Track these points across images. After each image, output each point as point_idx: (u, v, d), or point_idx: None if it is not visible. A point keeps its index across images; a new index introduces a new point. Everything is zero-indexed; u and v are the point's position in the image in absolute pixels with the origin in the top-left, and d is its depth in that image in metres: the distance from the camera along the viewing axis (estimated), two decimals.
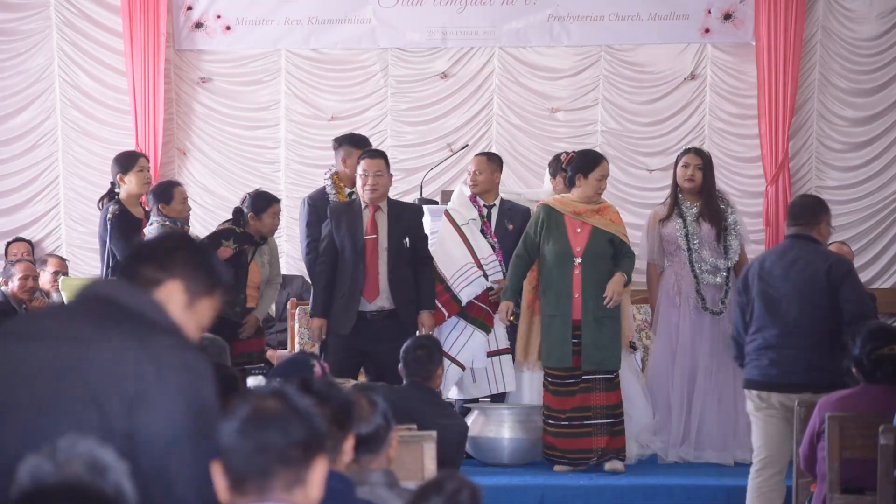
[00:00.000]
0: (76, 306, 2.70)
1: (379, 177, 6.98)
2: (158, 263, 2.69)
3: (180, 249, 2.73)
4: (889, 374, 5.16)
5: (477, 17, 10.63)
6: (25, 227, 10.57)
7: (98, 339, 2.55)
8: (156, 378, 2.51)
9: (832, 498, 5.06)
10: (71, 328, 2.59)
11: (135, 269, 2.70)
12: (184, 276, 2.71)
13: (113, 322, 2.59)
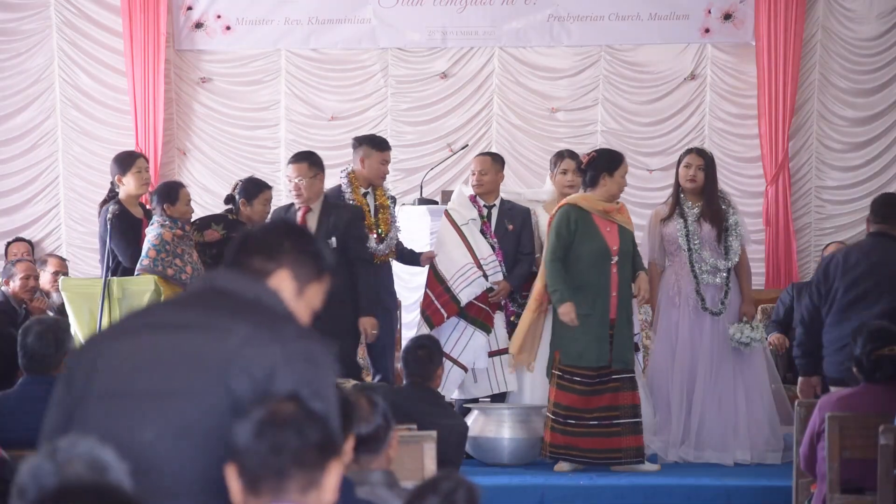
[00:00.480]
0: (197, 297, 2.73)
1: (300, 181, 7.03)
2: (267, 254, 2.71)
3: (287, 238, 2.75)
4: (888, 374, 5.16)
5: (477, 17, 10.63)
6: (25, 227, 10.57)
7: (224, 328, 2.57)
8: (284, 365, 2.53)
9: (832, 498, 5.06)
10: (195, 318, 2.63)
11: (244, 260, 2.72)
12: (292, 264, 2.73)
13: (237, 311, 2.62)
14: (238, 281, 2.69)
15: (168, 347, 2.58)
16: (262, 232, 2.78)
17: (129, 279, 6.79)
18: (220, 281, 2.72)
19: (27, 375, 4.91)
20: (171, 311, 2.74)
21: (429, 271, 7.60)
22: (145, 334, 2.63)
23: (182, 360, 2.55)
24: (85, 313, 6.66)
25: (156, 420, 2.51)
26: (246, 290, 2.67)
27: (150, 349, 2.59)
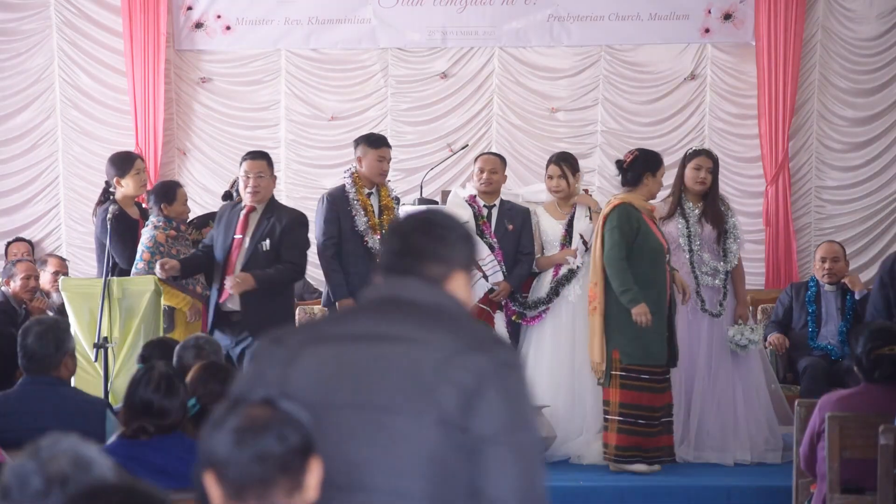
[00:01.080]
0: (381, 307, 2.63)
1: (260, 178, 6.99)
2: (440, 258, 2.65)
3: (459, 240, 2.69)
4: (887, 374, 5.16)
5: (477, 17, 10.63)
6: (25, 227, 10.57)
7: (424, 339, 2.53)
8: (492, 375, 2.49)
9: (832, 498, 5.06)
10: (390, 329, 2.56)
11: (413, 265, 2.64)
12: (464, 265, 2.70)
13: (431, 322, 2.58)
14: (422, 290, 2.63)
15: (371, 359, 2.53)
16: (431, 236, 2.67)
17: (130, 279, 6.79)
18: (396, 290, 2.64)
19: (27, 376, 4.91)
20: (363, 321, 2.62)
21: None
22: (342, 344, 2.57)
23: (389, 374, 2.50)
24: (85, 313, 6.66)
25: (366, 434, 2.48)
26: (426, 298, 2.62)
27: (351, 361, 2.54)
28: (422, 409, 2.46)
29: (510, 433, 2.47)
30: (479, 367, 2.48)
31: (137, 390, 3.96)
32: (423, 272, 2.64)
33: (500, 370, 2.50)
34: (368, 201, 7.52)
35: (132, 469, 3.82)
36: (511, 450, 2.46)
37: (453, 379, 2.46)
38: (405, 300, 2.61)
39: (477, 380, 2.47)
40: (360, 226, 7.42)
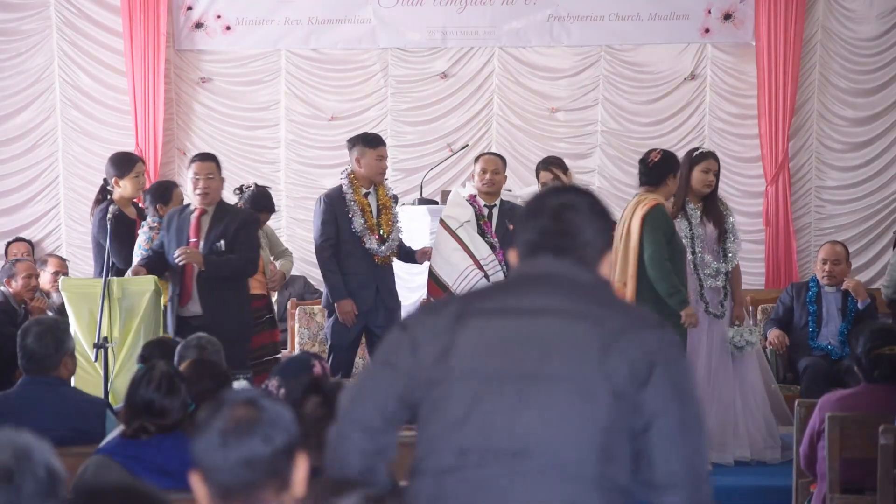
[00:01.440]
0: (542, 283, 2.69)
1: (210, 180, 6.94)
2: (594, 241, 2.71)
3: (609, 228, 2.76)
4: (886, 373, 5.16)
5: (477, 17, 10.63)
6: (25, 227, 10.57)
7: (594, 315, 2.62)
8: (662, 352, 2.59)
9: (832, 498, 5.06)
10: (552, 302, 2.65)
11: (572, 247, 2.70)
12: (609, 243, 2.76)
13: (597, 299, 2.68)
14: (572, 268, 2.69)
15: (538, 332, 2.61)
16: (577, 214, 2.71)
17: (130, 279, 6.79)
18: (552, 268, 2.70)
19: (27, 376, 4.91)
20: (524, 296, 2.68)
21: (428, 279, 7.61)
22: (507, 317, 2.65)
23: (556, 346, 2.59)
24: (85, 313, 6.65)
25: (537, 404, 2.55)
26: (584, 277, 2.70)
27: (518, 333, 2.62)
28: (593, 381, 2.55)
29: (679, 408, 2.57)
30: (649, 344, 2.59)
31: (139, 390, 3.96)
32: (577, 253, 2.70)
33: (668, 348, 2.61)
34: (366, 201, 7.52)
35: (133, 469, 3.83)
36: (679, 423, 2.56)
37: (624, 354, 2.56)
38: (563, 277, 2.68)
39: (647, 356, 2.57)
40: (357, 227, 7.43)
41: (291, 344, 9.01)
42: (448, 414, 2.61)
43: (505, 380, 2.58)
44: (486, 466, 2.53)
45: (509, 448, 2.53)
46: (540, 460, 2.53)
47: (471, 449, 2.57)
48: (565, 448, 2.53)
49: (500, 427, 2.54)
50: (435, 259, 7.61)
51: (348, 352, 7.59)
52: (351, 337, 7.54)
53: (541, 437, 2.54)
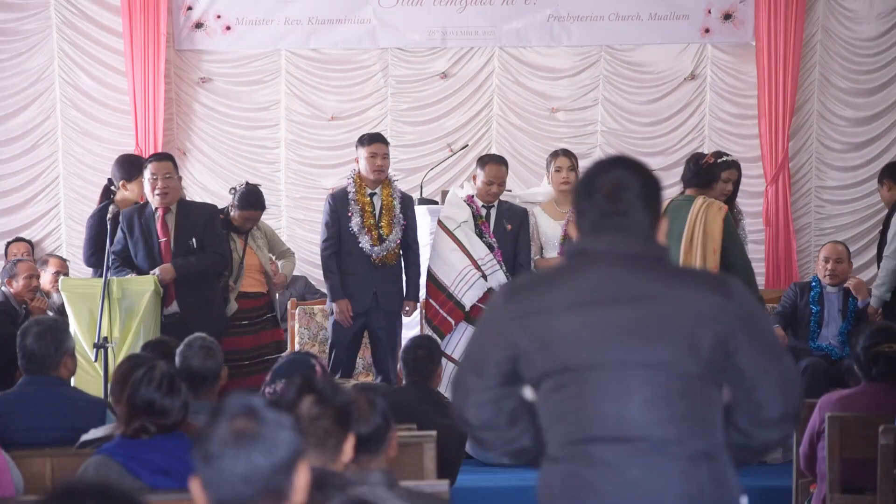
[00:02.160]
0: (611, 264, 2.85)
1: (168, 179, 6.96)
2: (647, 214, 2.88)
3: (658, 196, 2.93)
4: (884, 371, 5.16)
5: (477, 17, 10.63)
6: (25, 227, 10.57)
7: (676, 294, 2.81)
8: (743, 319, 2.80)
9: (832, 498, 5.06)
10: (635, 287, 2.83)
11: (630, 227, 2.86)
12: (660, 210, 2.94)
13: (666, 274, 2.87)
14: (637, 246, 2.86)
15: (631, 319, 2.80)
16: (633, 198, 2.86)
17: (130, 279, 6.79)
18: (618, 247, 2.86)
19: (27, 376, 4.91)
20: (608, 282, 2.84)
21: (427, 281, 7.61)
22: (599, 306, 2.82)
23: (651, 332, 2.79)
24: (85, 313, 6.65)
25: (641, 389, 2.76)
26: (649, 251, 2.87)
27: (612, 321, 2.80)
28: (688, 361, 2.77)
29: (774, 364, 2.82)
30: (727, 313, 2.79)
31: (139, 389, 3.96)
32: (636, 230, 2.87)
33: (744, 312, 2.82)
34: (368, 201, 7.53)
35: (133, 469, 3.82)
36: (774, 379, 2.82)
37: (708, 328, 2.77)
38: (628, 255, 2.86)
39: (729, 325, 2.79)
40: (353, 227, 7.45)
41: (291, 344, 9.01)
42: (561, 405, 2.81)
43: (604, 369, 2.77)
44: (603, 454, 2.75)
45: (612, 435, 2.75)
46: (651, 444, 2.75)
47: (584, 439, 2.78)
48: (663, 428, 2.76)
49: (603, 415, 2.76)
50: (433, 260, 7.61)
51: (348, 350, 7.60)
52: (349, 335, 7.55)
53: (648, 422, 2.75)
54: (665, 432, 2.76)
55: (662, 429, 2.76)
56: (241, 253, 7.64)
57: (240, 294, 7.62)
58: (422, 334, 6.99)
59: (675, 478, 2.77)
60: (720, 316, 2.79)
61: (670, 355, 2.77)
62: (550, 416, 2.86)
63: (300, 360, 4.14)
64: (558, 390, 2.82)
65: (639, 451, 2.75)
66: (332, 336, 7.64)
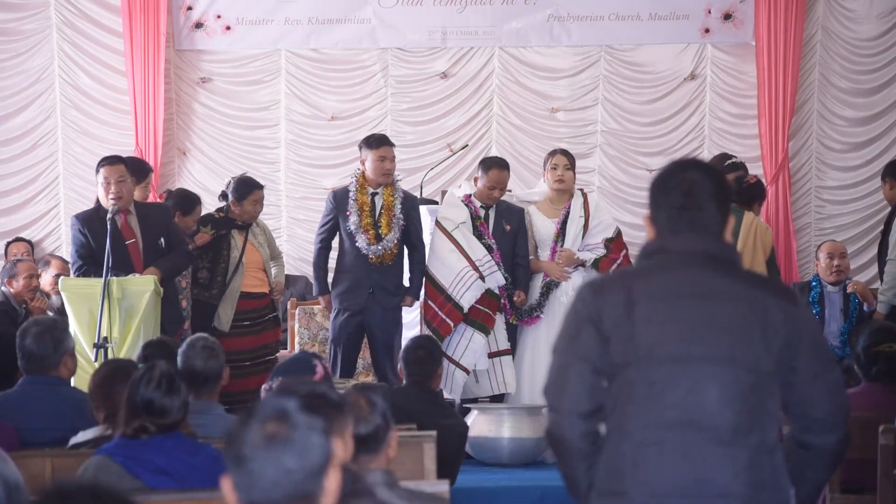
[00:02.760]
0: (687, 262, 3.09)
1: (121, 183, 6.97)
2: (722, 219, 3.12)
3: (728, 195, 3.17)
4: (884, 370, 5.16)
5: (477, 17, 10.63)
6: (25, 227, 10.57)
7: (750, 297, 3.05)
8: (805, 323, 3.09)
9: (832, 498, 5.06)
10: (718, 286, 3.07)
11: (704, 225, 3.09)
12: (728, 211, 3.16)
13: (745, 277, 3.13)
14: (708, 244, 3.10)
15: (706, 316, 3.04)
16: (707, 197, 3.09)
17: (130, 279, 6.79)
18: (694, 245, 3.09)
19: (26, 376, 4.91)
20: (683, 280, 3.09)
21: (425, 282, 7.61)
22: (672, 301, 3.06)
23: (732, 329, 3.02)
24: (85, 313, 6.65)
25: (716, 383, 3.00)
26: (723, 253, 3.12)
27: (683, 317, 3.04)
28: (756, 357, 3.01)
29: (827, 371, 3.09)
30: (795, 317, 3.06)
31: (139, 389, 3.96)
32: (708, 228, 3.09)
33: (808, 320, 3.14)
34: (367, 200, 7.55)
35: (132, 469, 3.82)
36: (828, 382, 3.09)
37: (778, 329, 3.02)
38: (705, 253, 3.09)
39: (796, 329, 3.05)
40: (350, 226, 7.48)
41: (291, 344, 9.02)
42: (640, 393, 3.02)
43: (672, 361, 3.01)
44: (678, 439, 2.98)
45: (675, 420, 2.99)
46: (725, 433, 2.98)
47: (664, 424, 2.99)
48: (745, 421, 2.99)
49: (689, 403, 2.99)
50: (431, 261, 7.61)
51: (347, 348, 7.60)
52: (347, 333, 7.55)
53: (723, 411, 2.99)
54: (738, 423, 2.98)
55: (736, 419, 2.98)
56: (240, 250, 7.66)
57: (242, 294, 7.64)
58: (422, 334, 6.99)
59: (743, 466, 2.98)
60: (790, 321, 3.03)
61: (747, 352, 3.01)
62: (627, 402, 3.04)
63: (302, 360, 4.14)
64: (638, 379, 3.03)
65: (713, 439, 2.98)
66: (332, 333, 7.67)
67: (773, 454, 3.04)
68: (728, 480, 2.97)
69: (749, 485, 2.98)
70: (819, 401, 3.09)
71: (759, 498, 3.00)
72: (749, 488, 2.98)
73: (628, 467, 3.02)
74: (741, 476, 2.97)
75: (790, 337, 3.03)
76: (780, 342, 3.02)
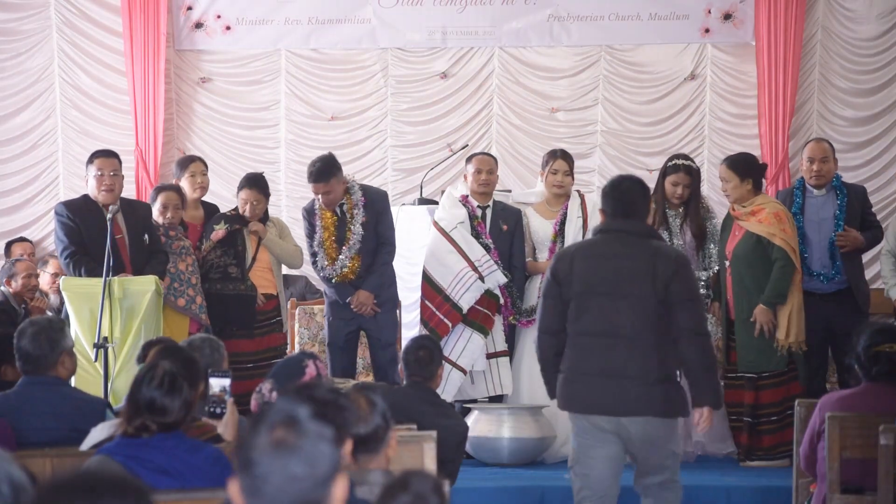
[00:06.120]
0: (616, 237, 5.20)
1: (114, 176, 7.03)
2: (645, 204, 5.34)
3: (645, 192, 5.37)
4: (884, 371, 5.16)
5: (477, 17, 10.63)
6: (25, 227, 10.57)
7: (640, 253, 5.13)
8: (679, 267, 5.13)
9: (832, 498, 5.06)
10: (622, 249, 5.17)
11: (629, 211, 5.18)
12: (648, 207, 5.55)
13: (645, 242, 5.20)
14: (633, 224, 5.18)
15: (618, 266, 5.10)
16: (635, 193, 5.22)
17: (130, 279, 6.79)
18: (620, 226, 5.16)
19: (25, 377, 4.91)
20: (608, 246, 5.18)
21: (422, 282, 7.60)
22: (598, 259, 5.16)
23: (629, 275, 5.08)
24: (85, 313, 6.65)
25: (626, 309, 5.05)
26: (640, 230, 5.19)
27: (608, 267, 5.12)
28: (645, 291, 5.05)
29: (689, 298, 5.09)
30: (672, 265, 5.08)
31: (141, 388, 3.96)
32: (637, 215, 5.21)
33: (682, 264, 5.16)
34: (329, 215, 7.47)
35: (132, 468, 3.82)
36: (689, 305, 5.08)
37: (660, 273, 5.04)
38: (626, 231, 5.16)
39: (671, 272, 5.06)
40: (315, 246, 7.47)
41: (291, 344, 9.01)
42: (575, 314, 5.12)
43: (599, 295, 5.11)
44: (588, 345, 5.10)
45: (603, 332, 5.06)
46: (621, 337, 5.04)
47: (586, 332, 5.10)
48: (635, 327, 5.03)
49: (597, 321, 5.08)
50: (429, 261, 7.60)
51: (344, 351, 7.58)
52: (343, 336, 7.52)
53: (621, 323, 5.04)
54: (633, 330, 5.04)
55: (632, 328, 5.04)
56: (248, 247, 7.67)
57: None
58: (423, 335, 6.99)
59: (636, 356, 5.05)
60: (668, 268, 5.09)
61: (640, 288, 5.07)
62: (572, 319, 5.14)
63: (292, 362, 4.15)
64: (575, 306, 5.16)
65: (617, 341, 5.05)
66: (328, 338, 7.65)
67: (657, 349, 5.02)
68: (625, 365, 5.01)
69: (640, 368, 5.01)
70: (681, 319, 5.03)
71: (648, 377, 4.99)
72: (640, 370, 5.01)
73: (568, 356, 5.13)
74: (636, 362, 5.01)
75: (667, 278, 5.01)
76: (661, 282, 5.01)
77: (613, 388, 5.00)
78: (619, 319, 4.98)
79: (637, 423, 5.02)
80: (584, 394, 5.08)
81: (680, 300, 4.97)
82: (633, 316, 4.98)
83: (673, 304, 4.97)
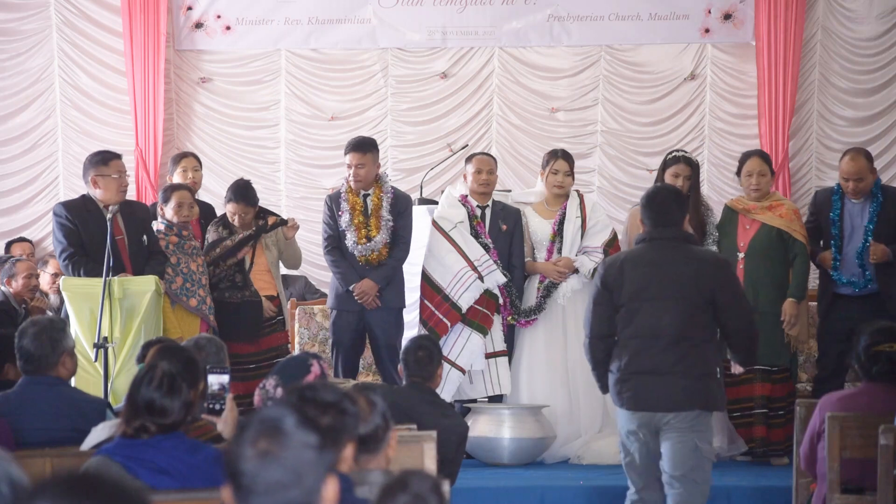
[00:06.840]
0: (663, 246, 5.57)
1: (126, 177, 7.05)
2: (681, 213, 5.70)
3: (682, 201, 5.81)
4: (884, 370, 5.15)
5: (477, 17, 10.63)
6: (25, 227, 10.57)
7: (687, 260, 5.51)
8: (726, 276, 5.57)
9: (832, 498, 5.06)
10: (670, 256, 5.55)
11: (667, 220, 5.58)
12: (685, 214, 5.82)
13: (688, 249, 5.61)
14: (673, 232, 5.56)
15: (662, 273, 5.47)
16: (673, 203, 5.62)
17: (130, 279, 6.79)
18: (660, 234, 5.55)
19: (25, 377, 4.91)
20: (654, 253, 5.54)
21: (422, 282, 7.60)
22: (649, 266, 5.50)
23: (673, 279, 5.46)
24: (86, 313, 6.65)
25: (671, 311, 5.42)
26: (679, 236, 5.57)
27: (655, 273, 5.48)
28: (688, 294, 5.43)
29: (738, 303, 5.51)
30: (713, 268, 5.53)
31: (140, 389, 3.96)
32: (672, 221, 5.57)
33: (722, 268, 5.60)
34: (359, 201, 7.53)
35: (132, 469, 3.82)
36: (738, 309, 5.50)
37: (705, 278, 5.45)
38: (666, 237, 5.55)
39: (715, 278, 5.47)
40: (342, 224, 7.48)
41: (292, 344, 9.01)
42: (626, 318, 5.49)
43: (653, 301, 5.47)
44: (637, 346, 5.47)
45: (650, 334, 5.44)
46: (666, 337, 5.42)
47: (637, 335, 5.46)
48: (678, 328, 5.41)
49: (644, 325, 5.45)
50: (428, 261, 7.60)
51: (350, 350, 7.59)
52: (349, 333, 7.54)
53: (666, 325, 5.42)
54: (677, 332, 5.42)
55: (676, 330, 5.41)
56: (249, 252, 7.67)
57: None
58: (423, 335, 6.98)
59: (678, 358, 5.41)
60: (714, 278, 5.48)
61: (685, 293, 5.45)
62: (622, 324, 5.51)
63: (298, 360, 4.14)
64: (625, 310, 5.52)
65: (662, 342, 5.43)
66: (334, 337, 7.64)
67: (698, 348, 5.42)
68: (672, 364, 5.39)
69: (685, 365, 5.39)
70: (730, 322, 5.48)
71: (691, 373, 5.39)
72: (685, 367, 5.39)
73: (619, 356, 5.50)
74: (681, 361, 5.39)
75: (713, 283, 5.42)
76: (706, 287, 5.41)
77: (662, 385, 5.39)
78: (665, 321, 5.39)
79: (681, 417, 5.39)
80: (636, 392, 5.45)
81: (726, 306, 5.43)
82: (677, 317, 5.38)
83: (720, 309, 5.42)
